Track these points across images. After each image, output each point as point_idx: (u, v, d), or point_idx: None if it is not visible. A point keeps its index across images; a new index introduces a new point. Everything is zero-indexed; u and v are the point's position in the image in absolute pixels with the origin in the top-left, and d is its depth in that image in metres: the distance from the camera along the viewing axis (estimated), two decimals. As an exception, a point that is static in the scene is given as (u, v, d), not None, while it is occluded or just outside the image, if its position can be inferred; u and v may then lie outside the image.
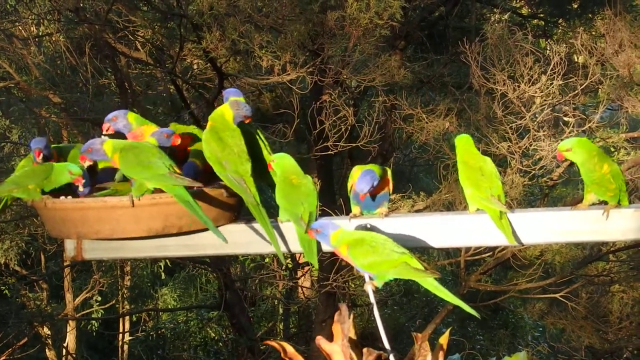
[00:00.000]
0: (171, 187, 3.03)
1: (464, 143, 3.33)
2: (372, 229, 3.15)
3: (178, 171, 3.07)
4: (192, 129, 3.47)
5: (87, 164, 3.22)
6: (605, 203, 3.07)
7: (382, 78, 10.28)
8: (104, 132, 3.38)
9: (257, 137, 3.41)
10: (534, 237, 3.15)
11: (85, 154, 3.17)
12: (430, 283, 2.93)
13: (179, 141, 3.31)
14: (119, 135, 3.38)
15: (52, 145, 3.45)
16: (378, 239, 2.93)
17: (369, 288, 2.99)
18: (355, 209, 3.27)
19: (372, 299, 2.98)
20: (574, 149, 3.14)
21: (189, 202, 3.01)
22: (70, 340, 14.99)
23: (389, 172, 3.31)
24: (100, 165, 3.36)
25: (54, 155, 3.37)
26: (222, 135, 3.18)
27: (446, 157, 10.43)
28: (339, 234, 2.98)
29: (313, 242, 3.07)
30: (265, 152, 3.39)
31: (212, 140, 3.16)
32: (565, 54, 9.65)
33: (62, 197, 3.17)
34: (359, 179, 3.17)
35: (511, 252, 10.84)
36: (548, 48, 11.13)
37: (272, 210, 3.25)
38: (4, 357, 12.66)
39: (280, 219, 3.18)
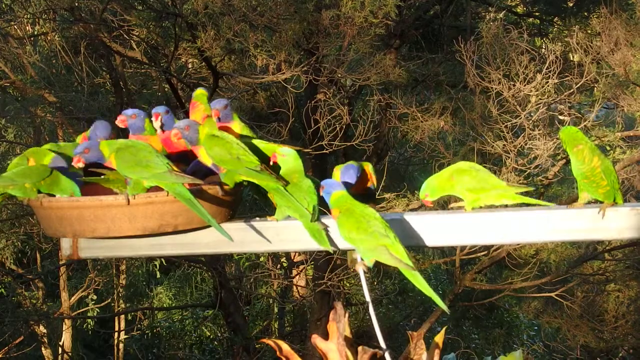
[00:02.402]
0: (171, 186, 3.03)
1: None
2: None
3: (176, 169, 3.07)
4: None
5: (80, 165, 3.12)
6: (601, 202, 3.07)
7: (377, 77, 10.29)
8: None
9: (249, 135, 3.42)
10: (530, 235, 3.15)
11: (81, 155, 3.11)
12: (407, 270, 2.94)
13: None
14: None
15: (48, 145, 3.44)
16: (368, 216, 2.95)
17: (360, 269, 3.01)
18: None
19: (367, 295, 2.99)
20: (562, 136, 3.17)
21: (190, 199, 3.01)
22: (66, 338, 14.99)
23: (370, 167, 3.34)
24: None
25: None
26: (221, 136, 3.19)
27: (441, 155, 10.45)
28: (339, 195, 3.04)
29: (321, 230, 3.08)
30: (265, 145, 3.39)
31: (216, 141, 3.16)
32: (561, 52, 9.66)
33: (58, 196, 3.17)
34: (342, 174, 3.21)
35: (506, 251, 10.86)
36: (543, 46, 11.18)
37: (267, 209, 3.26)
38: (0, 355, 12.66)
39: (277, 218, 3.19)
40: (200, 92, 3.52)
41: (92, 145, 3.13)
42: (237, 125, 3.39)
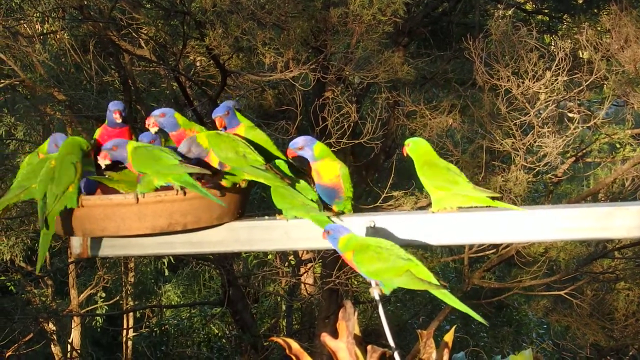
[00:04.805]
0: (178, 175, 3.04)
1: (424, 146, 3.36)
2: (377, 228, 3.13)
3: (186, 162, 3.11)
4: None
5: (106, 162, 3.17)
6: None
7: (385, 74, 10.26)
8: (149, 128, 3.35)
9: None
10: (539, 234, 3.13)
11: (109, 151, 3.15)
12: (437, 290, 2.90)
13: None
14: (162, 132, 3.39)
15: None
16: (384, 245, 2.88)
17: (375, 293, 2.96)
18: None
19: (376, 295, 2.97)
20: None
21: (194, 184, 3.04)
22: (75, 336, 15.03)
23: (342, 169, 3.32)
24: None
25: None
26: (226, 135, 3.20)
27: (449, 153, 10.41)
28: (347, 238, 2.94)
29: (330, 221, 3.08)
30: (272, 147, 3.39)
31: (222, 139, 3.17)
32: (570, 49, 9.60)
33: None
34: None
35: (515, 249, 10.83)
36: (553, 44, 11.12)
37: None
38: (10, 353, 12.70)
39: (286, 217, 3.18)
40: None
41: (120, 143, 3.18)
42: (242, 129, 3.37)
